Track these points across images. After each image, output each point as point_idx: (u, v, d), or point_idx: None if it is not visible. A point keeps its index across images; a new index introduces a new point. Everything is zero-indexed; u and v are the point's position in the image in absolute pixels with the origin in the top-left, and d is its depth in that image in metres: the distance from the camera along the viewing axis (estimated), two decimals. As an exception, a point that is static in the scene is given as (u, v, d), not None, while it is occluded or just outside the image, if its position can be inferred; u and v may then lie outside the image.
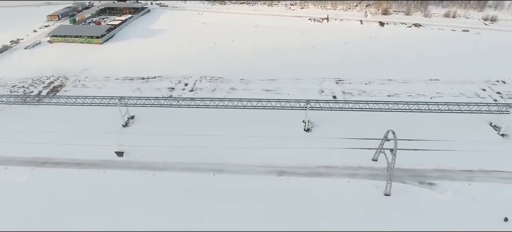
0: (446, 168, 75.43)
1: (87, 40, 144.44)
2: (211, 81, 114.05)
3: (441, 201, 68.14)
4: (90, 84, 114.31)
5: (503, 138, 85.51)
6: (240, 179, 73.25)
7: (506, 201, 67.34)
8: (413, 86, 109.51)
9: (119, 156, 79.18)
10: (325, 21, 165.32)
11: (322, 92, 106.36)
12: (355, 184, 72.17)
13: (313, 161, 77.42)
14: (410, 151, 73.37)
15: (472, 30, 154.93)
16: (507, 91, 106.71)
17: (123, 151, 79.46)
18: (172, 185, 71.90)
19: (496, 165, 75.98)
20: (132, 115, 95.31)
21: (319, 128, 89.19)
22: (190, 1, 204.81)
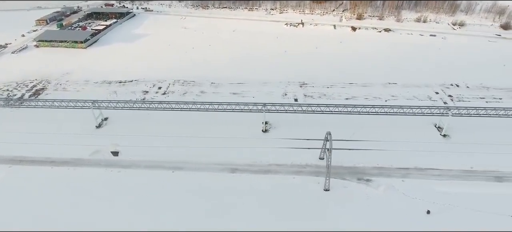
0: (385, 166, 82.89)
1: (71, 44, 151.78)
2: (183, 85, 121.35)
3: (374, 195, 75.74)
4: (70, 88, 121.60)
5: (444, 139, 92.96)
6: (195, 176, 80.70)
7: (433, 196, 74.87)
8: (372, 89, 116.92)
9: (115, 155, 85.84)
10: (300, 26, 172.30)
11: (285, 95, 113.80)
12: (299, 180, 79.73)
13: (265, 160, 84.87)
14: (353, 150, 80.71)
15: (439, 34, 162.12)
16: (459, 94, 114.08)
17: (118, 151, 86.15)
18: (133, 181, 79.40)
19: (432, 163, 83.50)
20: (106, 117, 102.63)
21: (276, 129, 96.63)
22: (178, 1, 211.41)
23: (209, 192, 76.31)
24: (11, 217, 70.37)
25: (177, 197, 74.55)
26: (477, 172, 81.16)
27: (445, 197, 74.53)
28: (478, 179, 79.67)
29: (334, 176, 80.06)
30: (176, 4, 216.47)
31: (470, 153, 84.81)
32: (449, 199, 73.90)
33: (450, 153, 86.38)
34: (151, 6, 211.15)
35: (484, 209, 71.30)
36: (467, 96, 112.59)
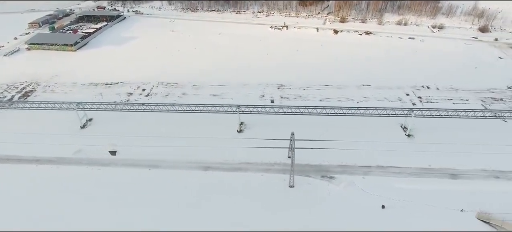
0: (348, 164, 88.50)
1: (61, 47, 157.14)
2: (166, 87, 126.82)
3: (334, 191, 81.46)
4: (58, 90, 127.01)
5: (408, 138, 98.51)
6: (170, 174, 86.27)
7: (391, 192, 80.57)
8: (346, 91, 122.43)
9: (113, 155, 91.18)
10: (284, 28, 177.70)
11: (263, 96, 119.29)
12: (266, 178, 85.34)
13: (236, 158, 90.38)
14: (321, 149, 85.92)
15: (418, 37, 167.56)
16: (428, 95, 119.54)
17: (115, 151, 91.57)
18: (111, 178, 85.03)
19: (393, 162, 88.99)
20: (90, 118, 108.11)
21: (251, 130, 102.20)
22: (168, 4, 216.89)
23: (182, 188, 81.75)
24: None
25: (151, 193, 79.97)
26: (434, 170, 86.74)
27: (401, 193, 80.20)
28: (434, 176, 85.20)
29: (300, 173, 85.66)
30: (166, 7, 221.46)
31: (430, 152, 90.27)
32: (405, 195, 79.54)
33: (412, 152, 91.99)
34: (142, 9, 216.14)
35: (435, 204, 76.54)
36: (435, 98, 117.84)
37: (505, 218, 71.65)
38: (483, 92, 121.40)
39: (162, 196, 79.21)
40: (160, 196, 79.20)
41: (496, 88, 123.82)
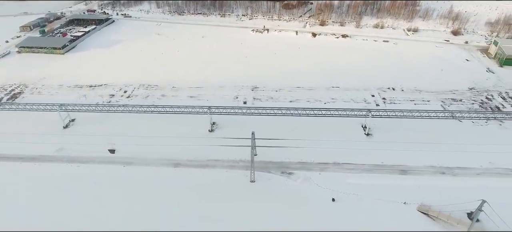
0: (308, 161, 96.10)
1: (50, 51, 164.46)
2: (147, 89, 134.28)
3: (291, 186, 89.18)
4: (45, 92, 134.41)
5: (367, 137, 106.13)
6: (143, 170, 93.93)
7: (343, 186, 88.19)
8: (315, 92, 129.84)
9: (112, 153, 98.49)
10: (265, 32, 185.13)
11: (236, 98, 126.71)
12: (231, 173, 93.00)
13: (205, 156, 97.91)
14: (284, 148, 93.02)
15: (392, 40, 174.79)
16: (392, 97, 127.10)
17: (114, 149, 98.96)
18: (88, 175, 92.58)
19: (349, 159, 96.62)
20: (73, 118, 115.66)
21: (221, 129, 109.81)
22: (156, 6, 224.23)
23: (152, 183, 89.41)
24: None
25: (124, 187, 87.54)
26: (385, 166, 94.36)
27: (352, 187, 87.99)
28: (385, 172, 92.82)
29: (262, 170, 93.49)
30: (154, 10, 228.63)
31: (385, 150, 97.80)
32: (355, 189, 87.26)
33: (369, 150, 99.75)
34: (130, 12, 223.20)
35: (382, 198, 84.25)
36: (399, 99, 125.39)
37: (442, 209, 79.04)
38: (445, 93, 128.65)
39: (132, 191, 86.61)
40: (131, 191, 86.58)
41: (458, 90, 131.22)
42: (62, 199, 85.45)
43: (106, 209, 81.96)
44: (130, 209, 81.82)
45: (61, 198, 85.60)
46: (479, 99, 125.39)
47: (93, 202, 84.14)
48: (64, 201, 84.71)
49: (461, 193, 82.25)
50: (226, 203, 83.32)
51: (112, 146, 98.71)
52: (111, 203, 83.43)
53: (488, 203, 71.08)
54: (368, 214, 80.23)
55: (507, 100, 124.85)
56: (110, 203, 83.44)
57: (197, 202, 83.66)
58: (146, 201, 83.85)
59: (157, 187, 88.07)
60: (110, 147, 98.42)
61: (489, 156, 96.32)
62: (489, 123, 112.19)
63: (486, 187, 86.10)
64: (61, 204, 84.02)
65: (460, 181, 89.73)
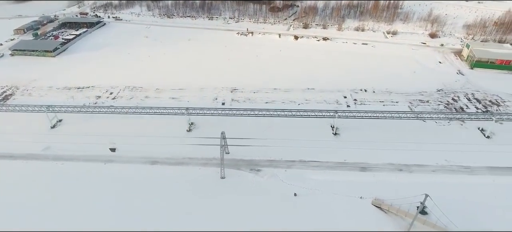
0: (275, 159, 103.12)
1: (42, 53, 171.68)
2: (132, 91, 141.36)
3: (258, 181, 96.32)
4: (35, 93, 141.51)
5: (335, 137, 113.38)
6: (122, 167, 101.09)
7: (306, 182, 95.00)
8: (291, 94, 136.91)
9: (112, 151, 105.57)
10: (250, 35, 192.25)
11: (216, 99, 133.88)
12: (204, 170, 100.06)
13: (181, 154, 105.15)
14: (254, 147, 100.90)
15: (371, 43, 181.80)
16: (363, 98, 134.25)
17: (115, 148, 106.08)
18: (71, 172, 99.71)
19: (315, 157, 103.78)
20: (60, 119, 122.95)
21: (199, 129, 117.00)
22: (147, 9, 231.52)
23: (130, 179, 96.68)
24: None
25: (103, 184, 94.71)
26: (348, 164, 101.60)
27: (315, 183, 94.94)
28: (346, 169, 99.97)
29: (233, 167, 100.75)
30: (145, 13, 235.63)
31: (349, 148, 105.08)
32: (317, 185, 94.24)
33: (334, 149, 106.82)
34: (122, 15, 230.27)
35: (341, 193, 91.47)
36: (369, 100, 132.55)
37: (393, 203, 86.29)
38: (414, 95, 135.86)
39: (110, 187, 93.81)
40: (108, 187, 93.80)
41: (427, 91, 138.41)
42: (46, 194, 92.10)
43: (85, 204, 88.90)
44: (106, 205, 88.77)
45: (45, 194, 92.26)
46: (445, 100, 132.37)
47: (74, 198, 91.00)
48: (48, 197, 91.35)
49: (414, 188, 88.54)
50: (196, 198, 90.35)
51: (113, 145, 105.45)
52: (90, 199, 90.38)
53: (430, 197, 78.20)
54: (325, 208, 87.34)
55: (472, 101, 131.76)
56: (90, 199, 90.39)
57: (168, 196, 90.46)
58: (121, 197, 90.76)
59: (132, 184, 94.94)
60: (111, 146, 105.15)
61: (445, 154, 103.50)
62: (451, 123, 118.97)
63: (437, 183, 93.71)
64: (44, 200, 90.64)
65: (415, 177, 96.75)
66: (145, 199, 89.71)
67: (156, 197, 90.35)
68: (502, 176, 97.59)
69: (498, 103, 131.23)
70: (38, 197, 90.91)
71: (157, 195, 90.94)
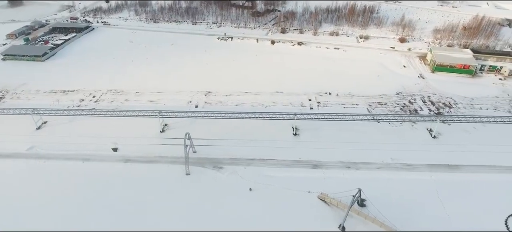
0: (237, 157, 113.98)
1: (32, 58, 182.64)
2: (113, 94, 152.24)
3: (219, 178, 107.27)
4: (23, 97, 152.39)
5: (295, 137, 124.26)
6: (98, 165, 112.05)
7: (262, 178, 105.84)
8: (260, 97, 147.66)
9: (115, 151, 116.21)
10: (229, 39, 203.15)
11: (190, 102, 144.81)
12: (171, 168, 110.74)
13: (153, 153, 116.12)
14: (219, 146, 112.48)
15: (343, 47, 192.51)
16: (326, 100, 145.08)
17: (117, 148, 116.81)
18: (53, 169, 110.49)
19: (273, 155, 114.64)
20: (45, 121, 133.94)
21: (171, 130, 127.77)
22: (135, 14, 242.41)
23: (104, 175, 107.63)
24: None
25: (79, 181, 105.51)
26: (302, 162, 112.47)
27: (270, 179, 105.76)
28: (300, 167, 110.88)
29: (198, 165, 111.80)
30: (132, 18, 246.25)
31: (305, 148, 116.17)
32: (272, 181, 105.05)
33: (292, 148, 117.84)
34: (110, 20, 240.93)
35: (292, 187, 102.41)
36: (331, 103, 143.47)
37: (336, 196, 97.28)
38: (374, 98, 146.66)
39: (85, 184, 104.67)
40: (84, 184, 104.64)
41: (386, 94, 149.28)
42: (27, 191, 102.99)
43: (62, 200, 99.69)
44: (82, 200, 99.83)
45: (26, 190, 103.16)
46: (402, 103, 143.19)
47: (52, 193, 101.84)
48: (28, 193, 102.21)
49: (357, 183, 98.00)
50: (162, 193, 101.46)
51: (115, 145, 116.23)
52: (67, 195, 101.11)
53: (362, 191, 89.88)
54: (275, 201, 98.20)
55: (427, 104, 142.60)
56: (67, 195, 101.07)
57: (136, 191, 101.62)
58: (95, 193, 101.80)
59: (106, 181, 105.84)
60: (113, 146, 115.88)
61: (392, 153, 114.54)
62: (403, 124, 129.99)
63: (379, 179, 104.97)
64: (25, 195, 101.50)
65: (360, 174, 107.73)
66: (116, 195, 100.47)
67: (126, 192, 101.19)
68: (439, 172, 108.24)
69: (451, 105, 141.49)
70: (19, 194, 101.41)
71: (127, 190, 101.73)
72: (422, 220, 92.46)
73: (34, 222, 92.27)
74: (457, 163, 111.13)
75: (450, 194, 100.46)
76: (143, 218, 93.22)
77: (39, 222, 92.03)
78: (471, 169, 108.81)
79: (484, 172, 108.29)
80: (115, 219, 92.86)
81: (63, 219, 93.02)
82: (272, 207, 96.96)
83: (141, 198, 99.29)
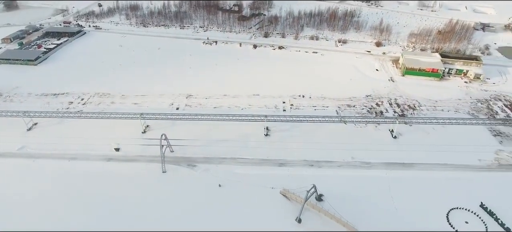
0: (210, 157, 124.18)
1: (25, 62, 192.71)
2: (101, 97, 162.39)
3: (192, 175, 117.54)
4: (15, 99, 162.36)
5: (265, 137, 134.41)
6: (83, 163, 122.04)
7: (231, 176, 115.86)
8: (237, 100, 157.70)
9: (117, 151, 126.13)
10: (214, 44, 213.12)
11: (172, 104, 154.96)
12: (149, 166, 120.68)
13: (133, 152, 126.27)
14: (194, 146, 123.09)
15: (321, 51, 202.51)
16: (299, 103, 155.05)
17: (119, 148, 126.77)
18: (40, 167, 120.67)
19: (244, 154, 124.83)
20: (36, 122, 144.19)
21: (153, 131, 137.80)
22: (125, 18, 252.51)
23: (88, 174, 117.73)
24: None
25: (65, 179, 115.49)
26: (269, 160, 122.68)
27: (238, 176, 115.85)
28: (267, 165, 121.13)
29: (174, 163, 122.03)
30: (123, 22, 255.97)
31: (274, 148, 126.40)
32: (240, 178, 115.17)
33: (262, 148, 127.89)
34: (102, 24, 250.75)
35: (257, 184, 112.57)
36: (303, 105, 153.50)
37: (295, 191, 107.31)
38: (344, 100, 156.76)
39: (69, 182, 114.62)
40: (68, 182, 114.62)
41: (356, 97, 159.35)
42: (17, 187, 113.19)
43: (49, 196, 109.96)
44: (68, 196, 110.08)
45: (16, 187, 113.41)
46: (369, 105, 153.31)
47: (39, 191, 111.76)
48: (18, 190, 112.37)
49: (318, 180, 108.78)
50: (139, 188, 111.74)
51: (118, 145, 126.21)
52: (54, 191, 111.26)
53: (315, 187, 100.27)
54: (241, 196, 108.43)
55: (392, 106, 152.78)
56: (54, 191, 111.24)
57: (116, 187, 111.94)
58: (79, 189, 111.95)
59: (89, 178, 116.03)
60: (116, 146, 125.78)
61: (354, 152, 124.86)
62: (367, 125, 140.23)
63: (338, 176, 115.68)
64: (15, 193, 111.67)
65: (321, 171, 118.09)
66: (96, 191, 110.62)
67: (105, 189, 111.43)
68: (394, 170, 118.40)
69: (415, 107, 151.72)
70: (7, 191, 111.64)
71: (107, 187, 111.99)
72: (371, 213, 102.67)
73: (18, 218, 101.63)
74: (412, 162, 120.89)
75: (401, 190, 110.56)
76: (119, 212, 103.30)
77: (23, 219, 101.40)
78: (423, 167, 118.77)
79: (435, 170, 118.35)
80: (94, 213, 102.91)
81: (46, 215, 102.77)
82: (238, 201, 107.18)
83: (119, 194, 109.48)
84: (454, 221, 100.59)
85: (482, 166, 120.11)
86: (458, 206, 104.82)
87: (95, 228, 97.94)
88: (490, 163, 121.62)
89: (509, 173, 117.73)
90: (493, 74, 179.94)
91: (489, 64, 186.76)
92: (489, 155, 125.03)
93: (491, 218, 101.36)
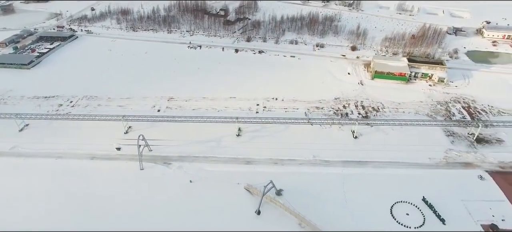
0: (185, 155, 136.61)
1: (19, 66, 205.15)
2: (88, 100, 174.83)
3: (167, 172, 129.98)
4: (9, 102, 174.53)
5: (237, 137, 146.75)
6: (69, 161, 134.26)
7: (202, 173, 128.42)
8: (215, 102, 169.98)
9: (118, 150, 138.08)
10: (198, 48, 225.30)
11: (154, 107, 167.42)
12: (129, 164, 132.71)
13: (117, 152, 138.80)
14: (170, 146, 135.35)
15: (298, 55, 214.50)
16: (272, 105, 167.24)
17: (120, 147, 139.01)
18: (30, 164, 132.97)
19: (215, 153, 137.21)
20: (27, 124, 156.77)
21: (134, 132, 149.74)
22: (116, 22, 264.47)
23: (72, 171, 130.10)
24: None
25: (53, 177, 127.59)
26: (238, 159, 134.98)
27: (208, 173, 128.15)
28: (235, 163, 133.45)
29: (151, 161, 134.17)
30: (114, 26, 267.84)
31: (243, 147, 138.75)
32: (209, 174, 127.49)
33: (232, 147, 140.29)
34: (93, 28, 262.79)
35: (224, 180, 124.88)
36: (275, 107, 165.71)
37: (256, 187, 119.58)
38: (313, 102, 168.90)
39: (56, 179, 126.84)
40: (56, 180, 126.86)
41: (325, 99, 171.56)
42: (8, 185, 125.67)
43: (37, 192, 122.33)
44: (54, 192, 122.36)
45: (8, 184, 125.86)
46: (337, 107, 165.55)
47: (28, 187, 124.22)
48: (11, 186, 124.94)
49: (278, 176, 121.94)
50: (118, 185, 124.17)
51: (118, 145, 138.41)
52: (42, 188, 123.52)
53: (273, 182, 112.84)
54: (209, 190, 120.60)
55: (358, 108, 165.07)
56: (42, 187, 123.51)
57: (97, 183, 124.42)
58: (64, 185, 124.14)
59: (74, 174, 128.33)
60: (117, 146, 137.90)
61: (316, 151, 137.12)
62: (332, 126, 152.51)
63: (297, 173, 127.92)
64: (9, 188, 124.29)
65: (283, 168, 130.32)
66: (79, 187, 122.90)
67: (87, 184, 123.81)
68: (350, 167, 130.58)
69: (378, 109, 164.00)
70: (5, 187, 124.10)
71: (88, 183, 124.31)
72: (323, 206, 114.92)
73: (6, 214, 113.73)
74: (366, 160, 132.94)
75: (354, 185, 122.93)
76: (98, 207, 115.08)
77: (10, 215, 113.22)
78: (377, 165, 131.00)
79: (387, 167, 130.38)
80: (75, 207, 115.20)
81: (33, 210, 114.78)
82: (205, 195, 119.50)
83: (99, 189, 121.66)
84: (397, 213, 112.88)
85: (430, 164, 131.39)
86: (402, 200, 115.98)
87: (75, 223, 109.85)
88: (439, 161, 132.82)
89: (453, 170, 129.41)
90: (457, 77, 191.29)
91: (455, 68, 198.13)
92: (439, 154, 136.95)
93: (430, 211, 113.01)
